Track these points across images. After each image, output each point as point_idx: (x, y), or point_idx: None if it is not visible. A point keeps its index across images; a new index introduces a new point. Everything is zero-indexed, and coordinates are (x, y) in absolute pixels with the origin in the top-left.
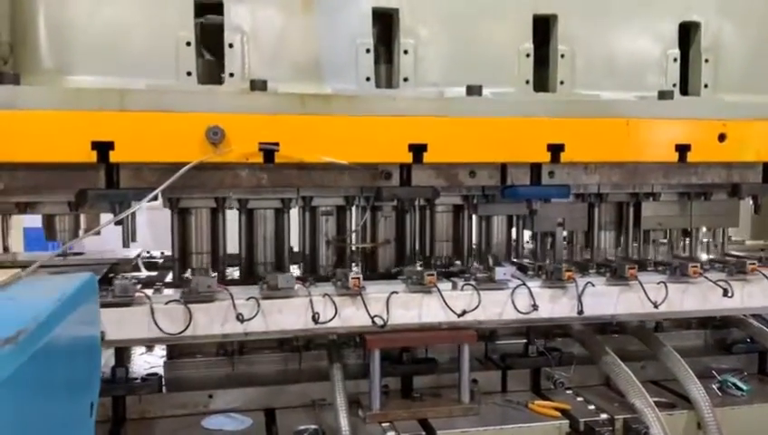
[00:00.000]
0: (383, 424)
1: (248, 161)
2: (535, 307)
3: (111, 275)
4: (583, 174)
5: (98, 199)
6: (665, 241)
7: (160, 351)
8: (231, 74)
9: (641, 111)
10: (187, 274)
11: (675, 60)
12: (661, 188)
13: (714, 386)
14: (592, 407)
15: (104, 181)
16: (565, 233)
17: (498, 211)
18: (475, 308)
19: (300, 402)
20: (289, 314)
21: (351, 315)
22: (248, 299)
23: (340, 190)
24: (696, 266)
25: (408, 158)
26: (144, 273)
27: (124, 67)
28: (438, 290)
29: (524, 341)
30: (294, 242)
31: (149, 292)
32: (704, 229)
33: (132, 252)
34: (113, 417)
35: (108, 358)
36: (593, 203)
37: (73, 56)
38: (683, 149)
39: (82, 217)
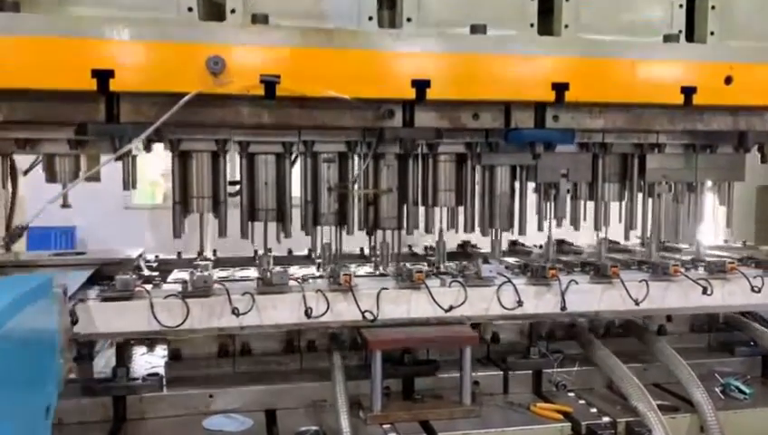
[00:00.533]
0: (384, 426)
1: (249, 93)
2: (520, 303)
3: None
4: (588, 118)
5: (98, 133)
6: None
7: (161, 351)
8: (232, 11)
9: (646, 54)
10: (187, 219)
11: (680, 6)
12: (666, 139)
13: (717, 389)
14: (594, 410)
15: (104, 115)
16: (569, 185)
17: (501, 160)
18: (462, 304)
19: (301, 403)
20: (283, 308)
21: (343, 310)
22: (243, 294)
23: (342, 134)
24: (677, 265)
25: (410, 94)
26: (146, 272)
27: (125, 2)
28: (426, 286)
29: (526, 342)
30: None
31: (149, 287)
32: (709, 183)
33: (134, 252)
34: (114, 417)
35: (109, 358)
36: (597, 154)
37: None
38: (688, 92)
39: (83, 161)
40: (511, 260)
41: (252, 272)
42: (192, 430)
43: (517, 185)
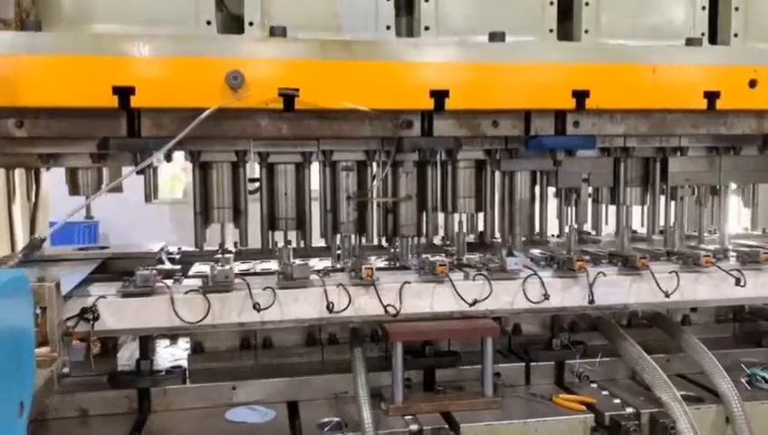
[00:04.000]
0: (406, 417)
1: (268, 107)
2: (546, 296)
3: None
4: (609, 124)
5: (119, 147)
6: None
7: (184, 344)
8: (251, 23)
9: (668, 58)
10: (208, 229)
11: (703, 8)
12: (689, 142)
13: (742, 380)
14: (618, 401)
15: (126, 130)
16: (590, 190)
17: (522, 166)
18: (487, 298)
19: (322, 395)
20: (304, 303)
21: (365, 304)
22: (265, 289)
23: (361, 143)
24: (708, 256)
25: (429, 104)
26: (168, 266)
27: (143, 16)
28: (450, 280)
29: (548, 334)
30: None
31: (169, 282)
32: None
33: (156, 246)
34: (138, 409)
35: (133, 351)
36: (619, 158)
37: (93, 5)
38: (712, 97)
39: (105, 172)
40: (536, 252)
41: (273, 264)
42: (215, 422)
43: (537, 189)
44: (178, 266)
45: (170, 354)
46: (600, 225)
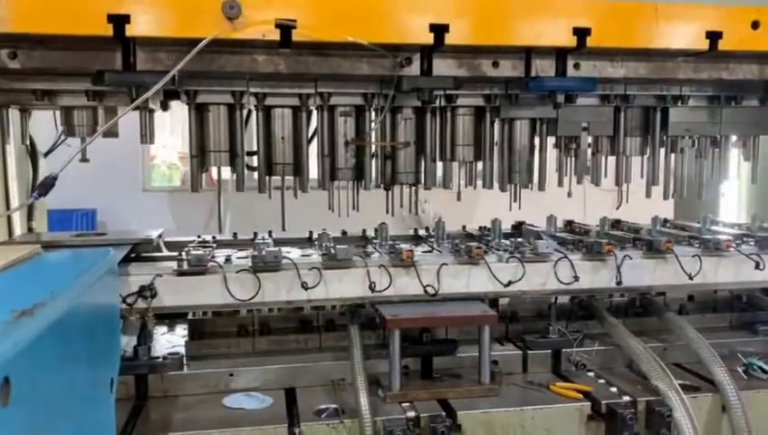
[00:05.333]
0: (403, 404)
1: (265, 39)
2: (576, 278)
3: (134, 254)
4: (609, 66)
5: (114, 82)
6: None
7: (182, 330)
8: None
9: None
10: (205, 173)
11: None
12: (689, 90)
13: (739, 369)
14: (614, 389)
15: (121, 63)
16: (590, 139)
17: (521, 114)
18: (520, 279)
19: (320, 382)
20: (348, 282)
21: (405, 285)
22: (311, 269)
23: (360, 86)
24: (728, 240)
25: (428, 38)
26: (166, 253)
27: None
28: (486, 261)
29: (546, 322)
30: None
31: (221, 261)
32: (733, 138)
33: (154, 233)
34: (136, 395)
35: (130, 337)
36: (619, 106)
37: None
38: (714, 37)
39: (101, 114)
40: (565, 235)
41: (309, 251)
42: (213, 408)
43: (537, 140)
44: (176, 253)
45: (168, 341)
46: (600, 177)
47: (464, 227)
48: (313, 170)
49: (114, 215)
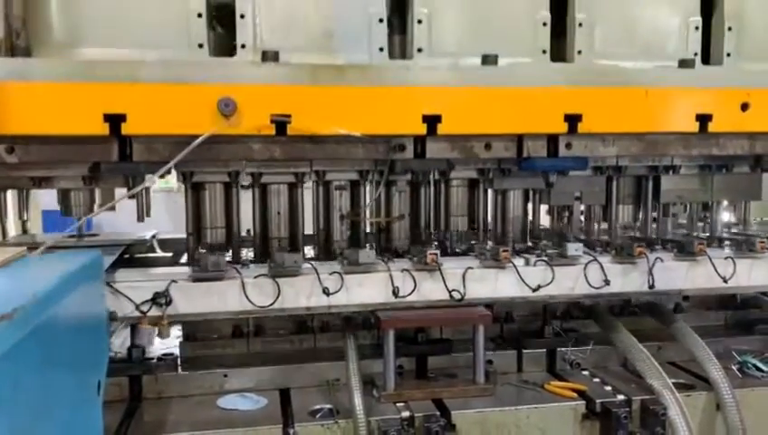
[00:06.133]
0: (398, 404)
1: (260, 133)
2: (607, 282)
3: (128, 255)
4: (601, 146)
5: (111, 173)
6: (683, 222)
7: (176, 331)
8: (243, 45)
9: (661, 81)
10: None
11: (696, 28)
12: (681, 161)
13: (734, 367)
14: (609, 388)
15: (117, 155)
16: (582, 207)
17: (514, 185)
18: (550, 283)
19: (314, 382)
20: (370, 287)
21: (430, 290)
22: (332, 274)
23: (354, 164)
24: (763, 242)
25: (421, 129)
26: (160, 253)
27: (135, 39)
28: (514, 265)
29: (540, 322)
30: (308, 220)
31: (238, 266)
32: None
33: (147, 233)
34: (130, 396)
35: (124, 338)
36: (611, 176)
37: (84, 29)
38: (704, 120)
39: (97, 193)
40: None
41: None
42: (207, 409)
43: (530, 206)
44: (170, 254)
45: (162, 342)
46: (593, 243)
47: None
48: None
49: (110, 216)
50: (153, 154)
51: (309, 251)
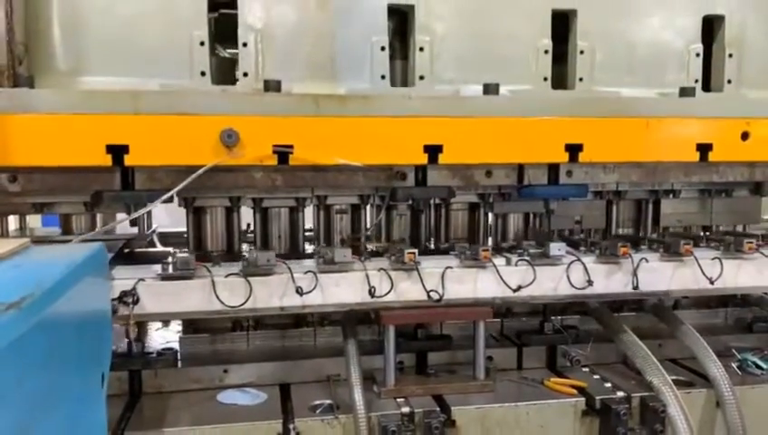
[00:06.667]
0: (398, 400)
1: (262, 163)
2: (590, 283)
3: (127, 250)
4: (602, 173)
5: (113, 201)
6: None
7: (176, 326)
8: (245, 74)
9: (661, 110)
10: None
11: (697, 55)
12: (681, 185)
13: (733, 365)
14: (609, 385)
15: (119, 183)
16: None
17: (514, 209)
18: (531, 283)
19: (314, 378)
20: (346, 287)
21: (407, 289)
22: (306, 273)
23: (355, 189)
24: (751, 242)
25: (423, 159)
26: (160, 248)
27: (138, 67)
28: (494, 265)
29: (540, 318)
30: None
31: (209, 265)
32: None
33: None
34: (129, 391)
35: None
36: (611, 201)
37: (87, 56)
38: (704, 149)
39: (98, 216)
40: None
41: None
42: (207, 404)
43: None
44: (170, 248)
45: (161, 337)
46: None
47: None
48: None
49: None
50: (155, 183)
51: None
